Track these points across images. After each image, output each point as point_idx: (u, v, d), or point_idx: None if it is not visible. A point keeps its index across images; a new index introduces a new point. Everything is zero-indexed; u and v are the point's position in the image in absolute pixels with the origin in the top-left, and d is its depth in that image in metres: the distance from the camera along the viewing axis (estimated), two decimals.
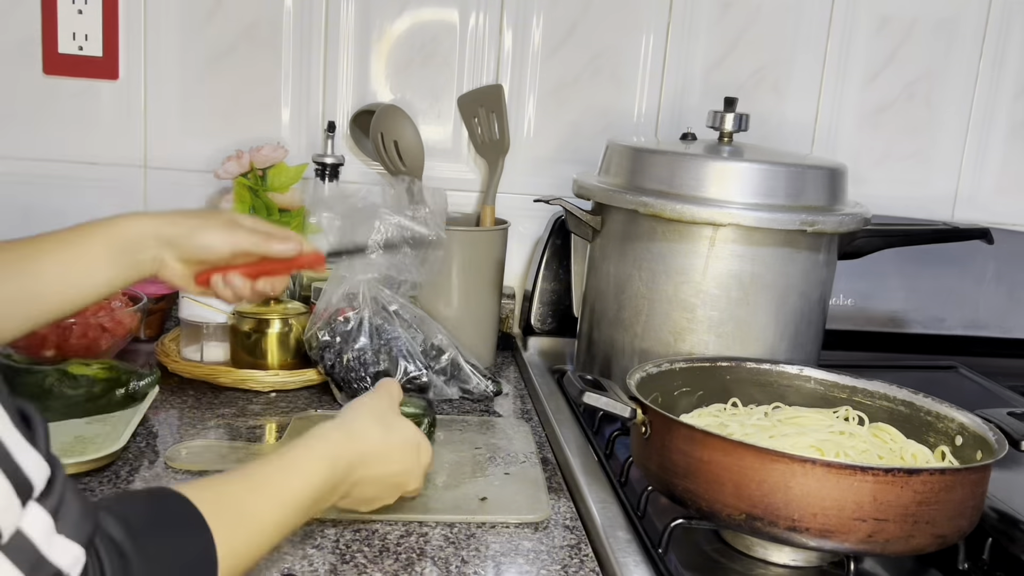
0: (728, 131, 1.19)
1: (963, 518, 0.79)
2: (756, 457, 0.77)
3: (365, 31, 1.44)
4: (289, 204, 1.35)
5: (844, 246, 1.18)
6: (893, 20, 1.53)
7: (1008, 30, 1.55)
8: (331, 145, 1.40)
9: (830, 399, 1.01)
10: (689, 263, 1.11)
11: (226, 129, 1.44)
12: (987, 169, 1.60)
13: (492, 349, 1.38)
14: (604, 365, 1.20)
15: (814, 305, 1.15)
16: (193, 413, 1.12)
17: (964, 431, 0.90)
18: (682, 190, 1.10)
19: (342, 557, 0.81)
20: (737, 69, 1.51)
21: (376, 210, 1.18)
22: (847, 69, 1.53)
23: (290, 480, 0.69)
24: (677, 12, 1.48)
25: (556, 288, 1.46)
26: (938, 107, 1.56)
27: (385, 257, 1.16)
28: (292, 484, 0.69)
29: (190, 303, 1.24)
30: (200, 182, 1.44)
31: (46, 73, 1.39)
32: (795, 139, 1.54)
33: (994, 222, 1.53)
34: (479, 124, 1.43)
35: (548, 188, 1.46)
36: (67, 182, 1.43)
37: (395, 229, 1.16)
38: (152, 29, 1.40)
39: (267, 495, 0.66)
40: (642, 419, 0.87)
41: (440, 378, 1.22)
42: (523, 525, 0.89)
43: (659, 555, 0.82)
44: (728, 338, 1.11)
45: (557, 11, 1.46)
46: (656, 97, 1.51)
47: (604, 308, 1.20)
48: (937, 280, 1.51)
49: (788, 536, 0.77)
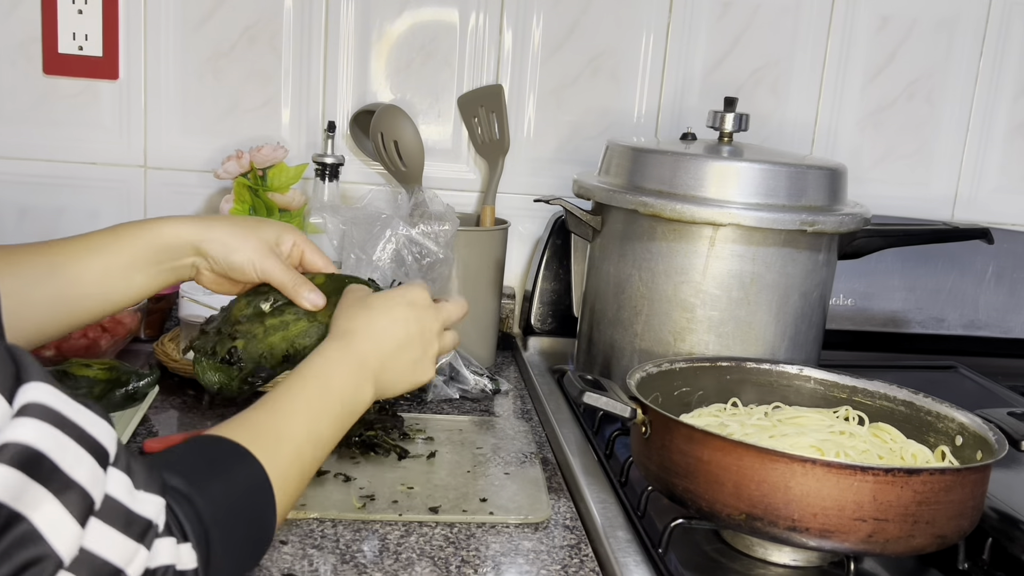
0: (728, 131, 1.19)
1: (963, 518, 0.79)
2: (756, 457, 0.77)
3: (365, 31, 1.44)
4: (289, 204, 1.35)
5: (844, 246, 1.18)
6: (893, 20, 1.53)
7: (1008, 30, 1.55)
8: (331, 145, 1.40)
9: (830, 399, 1.01)
10: (689, 263, 1.11)
11: (226, 129, 1.44)
12: (987, 169, 1.60)
13: (492, 349, 1.38)
14: (604, 365, 1.20)
15: (814, 305, 1.15)
16: (193, 413, 1.12)
17: (964, 431, 0.90)
18: (682, 190, 1.10)
19: (342, 557, 0.81)
20: (737, 69, 1.51)
21: (381, 217, 1.19)
22: (847, 69, 1.53)
23: (310, 390, 0.72)
24: (677, 12, 1.48)
25: (556, 288, 1.46)
26: (938, 107, 1.57)
27: (391, 267, 1.17)
28: (313, 393, 0.72)
29: (189, 303, 1.24)
30: (200, 182, 1.44)
31: (46, 73, 1.39)
32: (795, 139, 1.54)
33: (994, 222, 1.53)
34: (479, 124, 1.43)
35: (548, 188, 1.46)
36: (67, 182, 1.43)
37: (405, 242, 1.17)
38: (152, 29, 1.40)
39: (293, 414, 0.69)
40: (642, 419, 0.87)
41: (439, 378, 1.22)
42: (523, 525, 0.89)
43: (659, 555, 0.82)
44: (728, 338, 1.11)
45: (557, 11, 1.46)
46: (656, 97, 1.51)
47: (604, 308, 1.20)
48: (937, 280, 1.51)
49: (788, 536, 0.77)
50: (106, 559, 0.47)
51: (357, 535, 0.85)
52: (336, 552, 0.82)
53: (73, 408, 0.47)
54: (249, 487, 0.62)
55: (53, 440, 0.45)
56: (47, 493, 0.44)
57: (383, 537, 0.85)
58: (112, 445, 0.49)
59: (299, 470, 0.68)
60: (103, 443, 0.48)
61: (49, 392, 0.46)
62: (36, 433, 0.44)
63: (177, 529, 0.53)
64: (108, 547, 0.47)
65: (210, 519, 0.56)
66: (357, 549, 0.83)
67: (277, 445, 0.66)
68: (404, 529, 0.87)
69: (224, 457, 0.62)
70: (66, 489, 0.45)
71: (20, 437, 0.44)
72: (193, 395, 1.17)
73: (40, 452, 0.44)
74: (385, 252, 1.17)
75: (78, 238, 0.80)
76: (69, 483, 0.45)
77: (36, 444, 0.44)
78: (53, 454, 0.44)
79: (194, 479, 0.57)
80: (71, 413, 0.46)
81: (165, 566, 0.51)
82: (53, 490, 0.44)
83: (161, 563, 0.51)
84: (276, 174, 1.35)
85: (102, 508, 0.47)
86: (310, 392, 0.72)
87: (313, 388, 0.73)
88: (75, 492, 0.45)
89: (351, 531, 0.86)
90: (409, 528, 0.87)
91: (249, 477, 0.62)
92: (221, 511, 0.57)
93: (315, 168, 1.39)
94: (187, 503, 0.55)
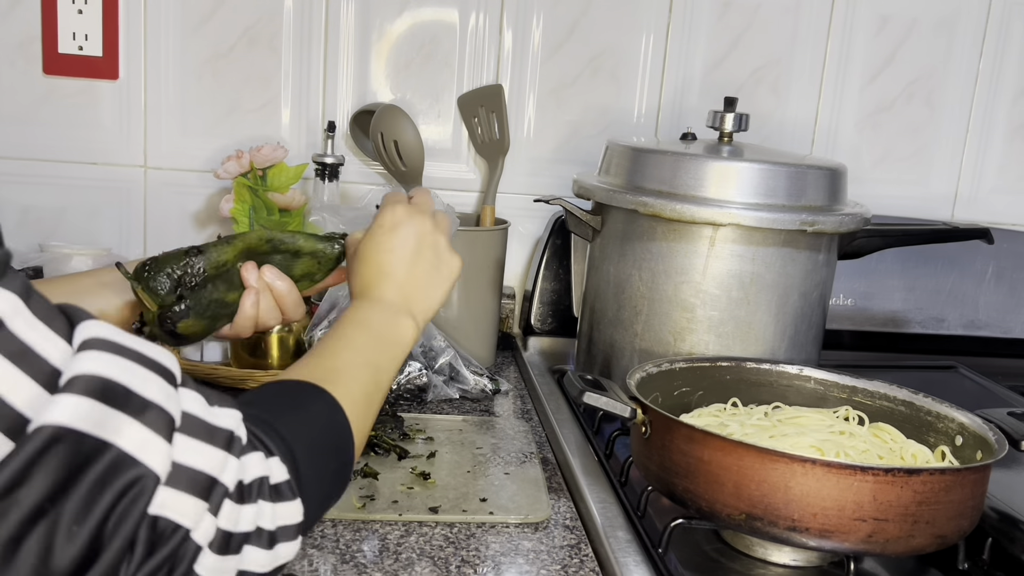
0: (728, 131, 1.19)
1: (963, 518, 0.79)
2: (756, 457, 0.77)
3: (365, 31, 1.44)
4: (289, 204, 1.35)
5: (844, 246, 1.18)
6: (893, 20, 1.53)
7: (1008, 30, 1.55)
8: (331, 145, 1.40)
9: (830, 399, 1.01)
10: (689, 263, 1.11)
11: (226, 129, 1.44)
12: (987, 169, 1.60)
13: (492, 349, 1.38)
14: (604, 365, 1.20)
15: (814, 305, 1.15)
16: None
17: (964, 431, 0.90)
18: (682, 190, 1.10)
19: (342, 557, 0.81)
20: (737, 69, 1.51)
21: None
22: (847, 69, 1.53)
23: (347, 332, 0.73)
24: (677, 12, 1.48)
25: (556, 288, 1.46)
26: (938, 107, 1.57)
27: None
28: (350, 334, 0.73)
29: None
30: (200, 182, 1.44)
31: (46, 73, 1.39)
32: (795, 139, 1.54)
33: (994, 222, 1.53)
34: (479, 124, 1.44)
35: (548, 188, 1.46)
36: (67, 182, 1.43)
37: None
38: (152, 29, 1.40)
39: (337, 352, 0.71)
40: (642, 419, 0.87)
41: (439, 378, 1.22)
42: (523, 525, 0.89)
43: (659, 555, 0.82)
44: (728, 338, 1.11)
45: (557, 11, 1.46)
46: (656, 97, 1.51)
47: (604, 308, 1.20)
48: (937, 280, 1.51)
49: (788, 536, 0.77)
50: (200, 469, 0.47)
51: (357, 535, 0.85)
52: (336, 552, 0.82)
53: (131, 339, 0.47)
54: (326, 416, 0.63)
55: (119, 366, 0.45)
56: (127, 417, 0.44)
57: (383, 537, 0.85)
58: (176, 368, 0.49)
59: (365, 396, 0.68)
60: (167, 366, 0.48)
61: (104, 327, 0.46)
62: (102, 363, 0.44)
63: (262, 446, 0.53)
64: (198, 458, 0.47)
65: (293, 440, 0.56)
66: (357, 549, 0.83)
67: (344, 378, 0.67)
68: (404, 529, 0.87)
69: (296, 394, 0.63)
70: (145, 409, 0.45)
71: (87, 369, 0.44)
72: None
73: (110, 379, 0.44)
74: None
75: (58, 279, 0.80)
76: (146, 404, 0.45)
77: (104, 373, 0.44)
78: (123, 378, 0.45)
79: (272, 410, 0.58)
80: (131, 343, 0.47)
81: (259, 478, 0.51)
82: (132, 413, 0.45)
83: (254, 475, 0.51)
84: (276, 174, 1.35)
85: (182, 424, 0.48)
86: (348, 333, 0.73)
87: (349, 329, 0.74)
88: (154, 411, 0.46)
89: (351, 531, 0.86)
90: (409, 528, 0.87)
91: (324, 407, 0.63)
92: (303, 435, 0.58)
93: (315, 168, 1.39)
94: (269, 427, 0.55)
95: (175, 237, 1.46)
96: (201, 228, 1.46)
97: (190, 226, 1.46)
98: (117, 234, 1.45)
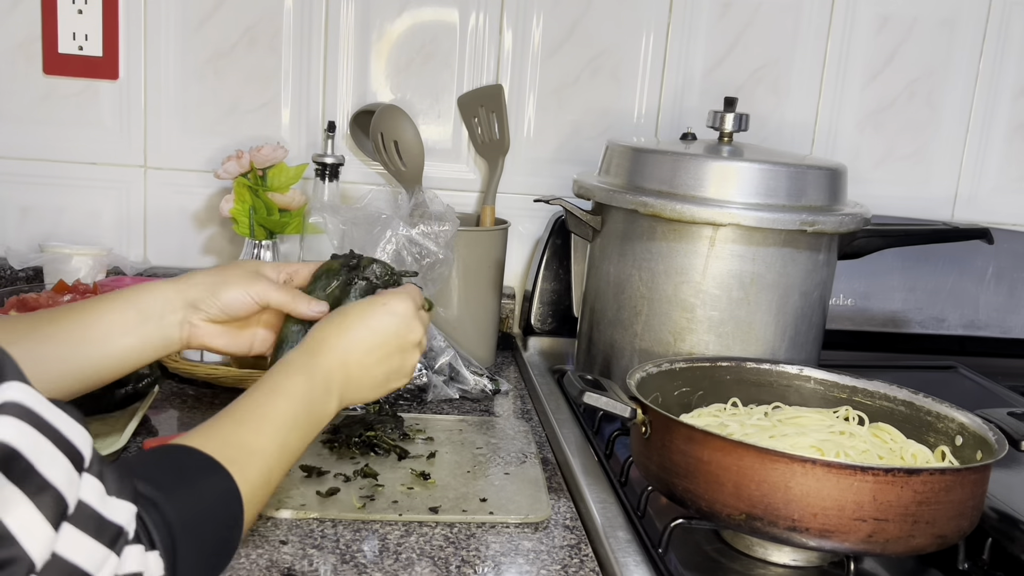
0: (728, 131, 1.19)
1: (963, 518, 0.79)
2: (756, 457, 0.77)
3: (365, 31, 1.44)
4: (289, 204, 1.35)
5: (844, 246, 1.18)
6: (893, 20, 1.53)
7: (1008, 30, 1.55)
8: (331, 145, 1.40)
9: (830, 399, 1.01)
10: (689, 263, 1.11)
11: (226, 129, 1.44)
12: (987, 169, 1.60)
13: (492, 349, 1.38)
14: (604, 365, 1.20)
15: (814, 305, 1.15)
16: (193, 413, 1.12)
17: (964, 431, 0.91)
18: (682, 190, 1.10)
19: (342, 557, 0.81)
20: (737, 69, 1.51)
21: (381, 218, 1.19)
22: (847, 69, 1.53)
23: (275, 403, 0.71)
24: (677, 12, 1.48)
25: (556, 288, 1.46)
26: (938, 107, 1.57)
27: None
28: (278, 406, 0.71)
29: None
30: (200, 182, 1.44)
31: (46, 73, 1.39)
32: (795, 139, 1.54)
33: (994, 222, 1.53)
34: (479, 124, 1.44)
35: (548, 188, 1.46)
36: (67, 182, 1.43)
37: (405, 242, 1.17)
38: (152, 29, 1.40)
39: (259, 424, 0.69)
40: (642, 419, 0.87)
41: (439, 378, 1.22)
42: (523, 525, 0.89)
43: (659, 555, 0.82)
44: (728, 338, 1.11)
45: (557, 11, 1.46)
46: (656, 97, 1.51)
47: (604, 308, 1.20)
48: (937, 280, 1.51)
49: (788, 536, 0.77)
50: (78, 565, 0.46)
51: (357, 535, 0.85)
52: (336, 552, 0.82)
53: (50, 410, 0.46)
54: (218, 497, 0.62)
55: (30, 440, 0.44)
56: (21, 495, 0.43)
57: (383, 537, 0.85)
58: (87, 449, 0.48)
59: (267, 478, 0.67)
60: (78, 447, 0.47)
61: (27, 392, 0.45)
62: (12, 431, 0.43)
63: (145, 537, 0.52)
64: (80, 553, 0.46)
65: (179, 527, 0.55)
66: (357, 549, 0.83)
67: (244, 456, 0.65)
68: (404, 529, 0.87)
69: (195, 468, 0.61)
70: (41, 491, 0.44)
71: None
72: (193, 395, 1.17)
73: (16, 451, 0.43)
74: (385, 252, 1.17)
75: (66, 309, 0.78)
76: (45, 485, 0.44)
77: (13, 442, 0.43)
78: (30, 453, 0.44)
79: (164, 486, 0.56)
80: (48, 415, 0.46)
81: (133, 574, 0.50)
82: (28, 491, 0.43)
83: (129, 571, 0.50)
84: (276, 174, 1.35)
85: (75, 513, 0.46)
86: (276, 404, 0.71)
87: (278, 400, 0.72)
88: (50, 494, 0.44)
89: (351, 531, 0.86)
90: (409, 528, 0.87)
91: (218, 487, 0.62)
92: (189, 520, 0.57)
93: (315, 168, 1.38)
94: (156, 510, 0.54)
95: (175, 237, 1.46)
96: (201, 228, 1.46)
97: (190, 226, 1.46)
98: (117, 234, 1.45)
